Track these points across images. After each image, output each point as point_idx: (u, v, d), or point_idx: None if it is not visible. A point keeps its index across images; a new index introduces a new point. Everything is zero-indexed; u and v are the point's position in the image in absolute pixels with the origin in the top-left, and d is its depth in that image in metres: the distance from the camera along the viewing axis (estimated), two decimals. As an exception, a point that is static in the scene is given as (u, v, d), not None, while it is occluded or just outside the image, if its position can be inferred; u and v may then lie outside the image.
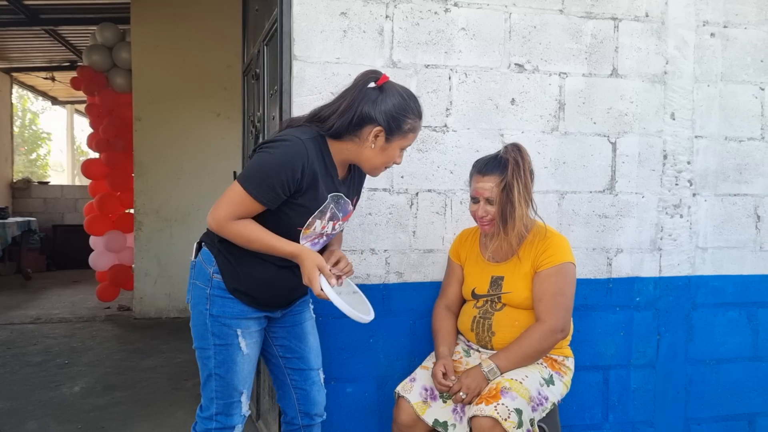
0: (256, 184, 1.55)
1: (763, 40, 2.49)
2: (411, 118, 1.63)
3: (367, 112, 1.58)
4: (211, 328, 1.65)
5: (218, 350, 1.65)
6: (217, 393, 1.67)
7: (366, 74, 1.63)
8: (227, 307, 1.65)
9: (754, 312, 2.51)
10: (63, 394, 3.39)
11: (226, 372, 1.66)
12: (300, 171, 1.56)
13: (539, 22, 2.30)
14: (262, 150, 1.59)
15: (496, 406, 1.67)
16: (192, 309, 1.70)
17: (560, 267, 1.87)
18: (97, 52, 5.80)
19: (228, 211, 1.58)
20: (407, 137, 1.65)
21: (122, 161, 5.87)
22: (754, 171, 2.50)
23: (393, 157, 1.67)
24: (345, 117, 1.59)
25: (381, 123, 1.59)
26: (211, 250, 1.67)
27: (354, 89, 1.61)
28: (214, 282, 1.65)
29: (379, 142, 1.62)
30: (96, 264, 5.93)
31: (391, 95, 1.61)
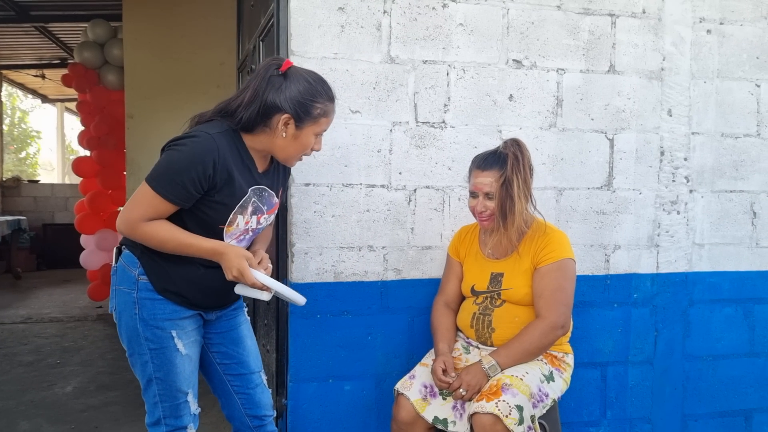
0: (165, 183, 1.49)
1: (758, 36, 2.49)
2: (320, 102, 1.58)
3: (273, 100, 1.53)
4: (144, 333, 1.56)
5: (154, 354, 1.57)
6: (161, 396, 1.60)
7: (268, 62, 1.58)
8: (158, 309, 1.57)
9: (751, 308, 2.52)
10: (55, 394, 3.35)
11: (166, 375, 1.58)
12: (211, 167, 1.50)
13: (537, 17, 2.29)
14: (171, 148, 1.52)
15: (497, 403, 1.66)
16: (119, 317, 1.60)
17: (560, 263, 1.87)
18: (88, 49, 5.74)
19: (138, 213, 1.51)
20: (319, 122, 1.59)
21: (114, 159, 5.82)
22: (750, 167, 2.51)
23: (308, 144, 1.61)
24: (252, 108, 1.54)
25: (288, 110, 1.54)
26: (133, 252, 1.59)
27: (257, 78, 1.56)
28: (140, 284, 1.56)
29: (290, 131, 1.56)
30: (87, 263, 5.87)
31: (296, 81, 1.55)
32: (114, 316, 1.63)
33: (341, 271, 2.16)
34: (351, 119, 2.14)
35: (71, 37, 7.13)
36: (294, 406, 2.15)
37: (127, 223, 1.52)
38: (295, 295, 1.61)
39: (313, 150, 1.65)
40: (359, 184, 2.16)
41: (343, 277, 2.16)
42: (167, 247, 1.53)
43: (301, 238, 2.12)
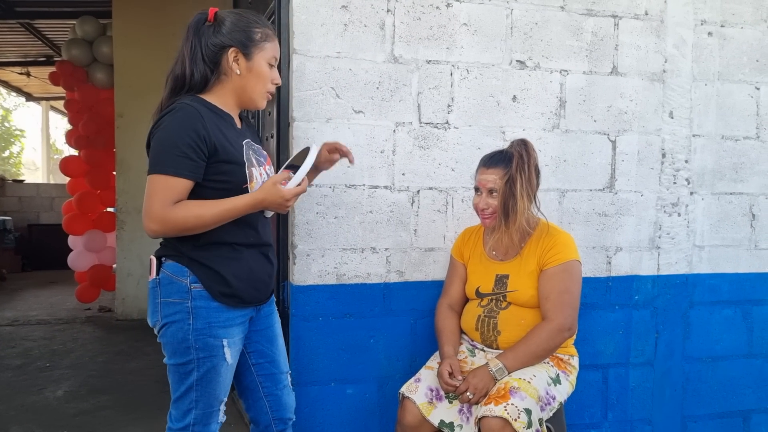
0: (167, 161, 1.45)
1: (758, 39, 2.50)
2: (258, 27, 1.58)
3: (214, 42, 1.54)
4: (195, 343, 1.52)
5: (201, 363, 1.53)
6: (197, 404, 1.56)
7: (194, 19, 1.59)
8: (212, 318, 1.53)
9: (749, 310, 2.53)
10: (46, 398, 3.29)
11: (208, 384, 1.55)
12: (201, 127, 1.48)
13: (540, 18, 2.28)
14: (155, 131, 1.50)
15: (506, 406, 1.65)
16: (165, 328, 1.55)
17: (566, 265, 1.86)
18: (76, 46, 5.65)
19: (158, 203, 1.44)
20: (265, 47, 1.59)
21: (102, 158, 5.74)
22: (749, 170, 2.52)
23: (264, 74, 1.59)
24: (198, 62, 1.54)
25: (232, 43, 1.55)
26: (180, 261, 1.53)
27: (189, 38, 1.57)
28: (194, 293, 1.52)
29: (242, 64, 1.56)
30: (75, 264, 5.78)
31: (227, 17, 1.57)
32: (156, 328, 1.58)
33: (343, 273, 2.13)
34: (354, 119, 2.12)
35: (58, 34, 7.02)
36: (296, 410, 2.11)
37: (155, 219, 1.45)
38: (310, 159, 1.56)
39: (274, 84, 1.63)
40: (362, 185, 2.13)
41: (346, 279, 2.13)
42: (205, 221, 1.48)
43: (303, 239, 2.09)
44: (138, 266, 5.35)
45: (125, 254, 5.33)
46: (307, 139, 2.06)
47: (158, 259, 1.57)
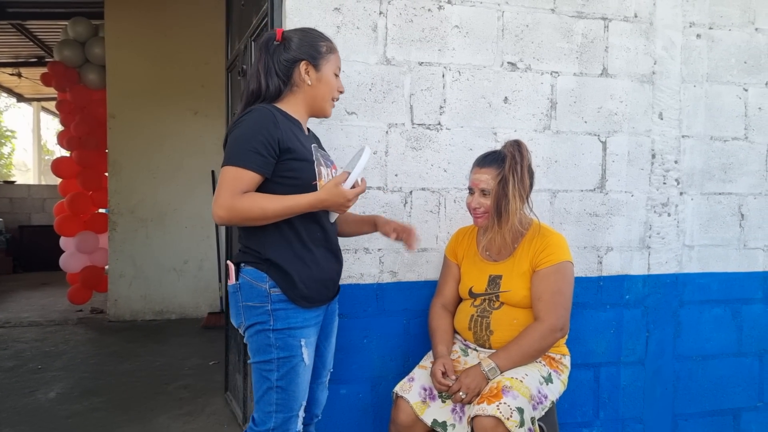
0: (240, 155, 1.55)
1: (746, 41, 2.53)
2: (322, 41, 1.73)
3: (286, 58, 1.68)
4: (275, 342, 1.61)
5: (282, 363, 1.62)
6: (278, 406, 1.62)
7: (263, 40, 1.72)
8: (291, 319, 1.62)
9: (739, 308, 2.56)
10: (38, 400, 3.28)
11: (288, 384, 1.62)
12: (274, 128, 1.58)
13: (531, 20, 2.30)
14: (232, 130, 1.61)
15: (499, 406, 1.66)
16: (248, 328, 1.65)
17: (559, 266, 1.87)
18: (68, 47, 5.64)
19: (227, 193, 1.53)
20: (330, 59, 1.73)
21: (95, 159, 5.73)
22: (738, 170, 2.55)
23: (332, 83, 1.73)
24: (272, 76, 1.68)
25: (303, 56, 1.68)
26: (259, 268, 1.62)
27: (261, 58, 1.70)
28: (273, 297, 1.61)
29: (312, 75, 1.70)
30: (67, 266, 5.77)
31: (294, 35, 1.71)
32: (240, 329, 1.69)
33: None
34: (347, 121, 2.13)
35: (49, 35, 6.99)
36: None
37: (222, 206, 1.52)
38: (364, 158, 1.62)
39: (339, 92, 1.77)
40: (355, 186, 2.14)
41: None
42: (269, 214, 1.55)
43: (296, 240, 2.09)
44: (130, 267, 5.35)
45: (117, 255, 5.32)
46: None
47: (236, 265, 1.66)
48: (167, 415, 3.04)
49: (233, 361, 3.08)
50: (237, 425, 2.87)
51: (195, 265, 5.47)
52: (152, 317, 5.37)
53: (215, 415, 3.04)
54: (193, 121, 5.37)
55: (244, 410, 2.77)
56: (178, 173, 5.40)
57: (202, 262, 5.47)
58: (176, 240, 5.42)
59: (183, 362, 4.00)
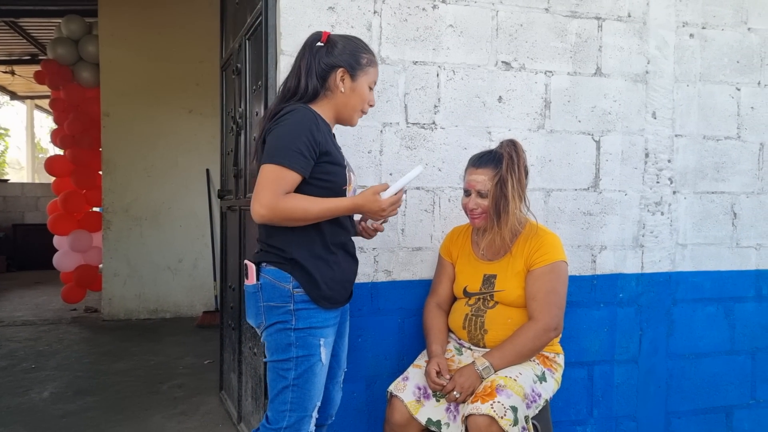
0: (284, 154, 1.55)
1: (739, 41, 2.55)
2: (364, 52, 1.73)
3: (326, 62, 1.68)
4: (296, 342, 1.62)
5: (300, 362, 1.63)
6: (293, 405, 1.63)
7: (309, 39, 1.73)
8: (312, 319, 1.63)
9: (731, 307, 2.57)
10: (32, 399, 3.27)
11: (305, 383, 1.63)
12: (316, 129, 1.60)
13: (525, 20, 2.31)
14: (274, 127, 1.61)
15: (492, 404, 1.67)
16: (268, 327, 1.66)
17: (553, 265, 1.88)
18: (62, 45, 5.61)
19: (270, 192, 1.54)
20: (369, 72, 1.74)
21: (88, 158, 5.71)
22: (730, 169, 2.56)
23: (365, 95, 1.74)
24: (311, 77, 1.68)
25: (342, 64, 1.69)
26: (282, 268, 1.63)
27: (303, 57, 1.70)
28: (296, 297, 1.62)
29: (347, 83, 1.70)
30: (61, 264, 5.74)
31: (340, 41, 1.72)
32: (259, 329, 1.70)
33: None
34: (341, 120, 2.12)
35: (43, 33, 6.95)
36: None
37: (267, 206, 1.53)
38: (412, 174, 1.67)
39: (369, 105, 1.77)
40: (349, 185, 2.14)
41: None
42: (310, 215, 1.58)
43: (291, 239, 2.09)
44: (124, 266, 5.33)
45: (111, 254, 5.31)
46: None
47: (257, 265, 1.67)
48: (161, 415, 3.04)
49: (228, 360, 3.08)
50: (231, 424, 2.87)
51: (190, 264, 5.46)
52: (147, 316, 5.36)
53: (210, 415, 3.04)
54: (187, 120, 5.36)
55: (239, 409, 2.77)
56: (173, 172, 5.39)
57: (197, 260, 5.46)
58: (171, 239, 5.40)
59: (177, 361, 3.99)
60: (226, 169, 3.13)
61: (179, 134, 5.35)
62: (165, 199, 5.39)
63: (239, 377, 2.75)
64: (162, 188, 5.37)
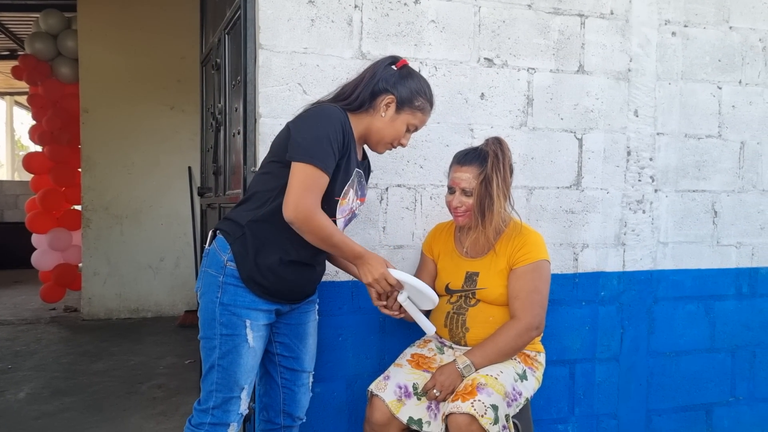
0: (320, 154, 1.53)
1: (720, 39, 2.55)
2: (423, 98, 1.73)
3: (384, 84, 1.68)
4: (220, 318, 1.59)
5: (224, 340, 1.59)
6: (218, 386, 1.61)
7: (386, 58, 1.74)
8: (239, 296, 1.60)
9: (711, 305, 2.58)
10: (7, 400, 3.20)
11: (229, 364, 1.60)
12: (341, 129, 1.59)
13: (508, 16, 2.29)
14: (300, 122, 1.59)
15: (473, 403, 1.65)
16: (201, 297, 1.65)
17: (536, 264, 1.87)
18: (40, 40, 5.52)
19: (313, 199, 1.53)
20: (416, 115, 1.72)
21: (67, 155, 5.62)
22: (711, 168, 2.57)
23: (400, 132, 1.72)
24: (367, 87, 1.67)
25: (394, 92, 1.68)
26: (226, 238, 1.62)
27: (374, 68, 1.71)
28: (227, 270, 1.60)
29: (390, 112, 1.69)
30: (39, 263, 5.65)
31: (411, 75, 1.72)
32: (197, 295, 1.68)
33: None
34: (322, 116, 2.09)
35: (21, 28, 6.83)
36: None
37: (306, 212, 1.51)
38: (431, 294, 1.71)
39: (400, 144, 1.75)
40: (330, 182, 2.11)
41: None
42: (329, 242, 1.57)
43: (270, 237, 2.06)
44: (104, 265, 5.26)
45: (91, 253, 5.23)
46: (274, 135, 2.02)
47: (214, 231, 1.68)
48: (140, 415, 2.99)
49: (208, 360, 3.03)
50: (211, 425, 2.83)
51: (171, 263, 5.39)
52: (127, 315, 5.29)
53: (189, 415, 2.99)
54: (169, 117, 5.29)
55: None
56: (154, 169, 5.32)
57: (179, 259, 5.39)
58: (152, 237, 5.33)
59: (158, 361, 3.94)
60: (206, 167, 3.08)
61: (160, 131, 5.28)
62: (146, 196, 5.32)
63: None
64: (143, 186, 5.30)
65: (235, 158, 2.48)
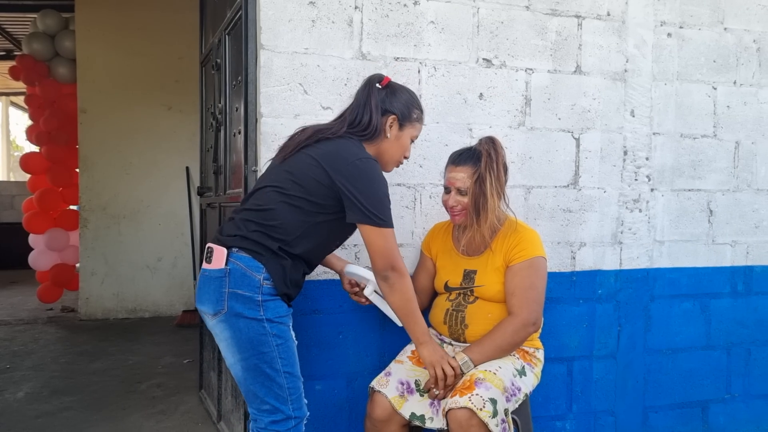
0: (389, 218, 1.69)
1: (715, 41, 2.59)
2: (417, 108, 1.84)
3: (383, 105, 1.78)
4: (271, 331, 1.65)
5: (282, 349, 1.66)
6: (290, 390, 1.67)
7: (369, 80, 1.81)
8: (278, 308, 1.67)
9: (707, 303, 2.61)
10: (6, 400, 3.20)
11: (292, 366, 1.68)
12: None
13: (506, 17, 2.32)
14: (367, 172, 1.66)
15: (471, 397, 1.67)
16: (233, 318, 1.63)
17: (532, 261, 1.89)
18: (37, 40, 5.52)
19: (399, 258, 1.71)
20: (415, 126, 1.84)
21: (65, 155, 5.62)
22: (707, 167, 2.60)
23: (406, 147, 1.84)
24: (376, 114, 1.76)
25: (396, 112, 1.78)
26: (257, 258, 1.64)
27: (366, 94, 1.77)
28: (264, 288, 1.64)
29: (394, 131, 1.79)
30: (36, 263, 5.65)
31: (399, 91, 1.82)
32: (217, 317, 1.65)
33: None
34: (322, 116, 2.11)
35: (18, 28, 6.83)
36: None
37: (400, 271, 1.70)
38: None
39: (405, 158, 1.87)
40: (330, 181, 2.13)
41: (314, 276, 2.12)
42: (410, 304, 1.73)
43: (271, 235, 2.07)
44: (102, 265, 5.26)
45: (89, 253, 5.23)
46: (275, 134, 2.05)
47: (228, 249, 1.65)
48: (139, 414, 3.00)
49: (207, 359, 3.05)
50: (211, 423, 2.84)
51: (169, 263, 5.40)
52: (125, 315, 5.29)
53: (189, 414, 3.00)
54: (167, 117, 5.30)
55: (219, 408, 2.75)
56: (152, 169, 5.32)
57: (177, 259, 5.40)
58: (150, 237, 5.34)
59: (156, 361, 3.95)
60: (205, 166, 3.10)
61: (158, 131, 5.29)
62: (143, 197, 5.32)
63: (219, 376, 2.72)
64: (140, 186, 5.31)
65: (235, 158, 2.49)
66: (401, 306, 1.72)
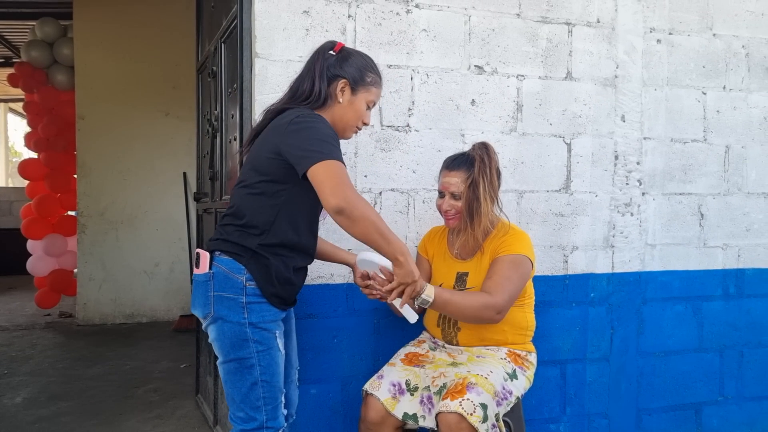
0: (333, 152, 1.54)
1: (704, 46, 2.62)
2: (372, 72, 1.76)
3: (333, 71, 1.71)
4: (253, 336, 1.61)
5: (262, 356, 1.62)
6: (265, 399, 1.63)
7: (322, 46, 1.75)
8: (265, 313, 1.63)
9: (699, 305, 2.63)
10: (4, 405, 3.22)
11: (271, 376, 1.64)
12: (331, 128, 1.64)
13: (497, 25, 2.35)
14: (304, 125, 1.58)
15: (462, 402, 1.69)
16: (218, 322, 1.63)
17: (515, 257, 1.89)
18: (36, 47, 5.56)
19: (349, 188, 1.51)
20: (370, 91, 1.75)
21: (63, 161, 5.65)
22: (697, 171, 2.63)
23: (361, 112, 1.75)
24: (324, 82, 1.69)
25: (346, 76, 1.71)
26: (237, 259, 1.62)
27: (316, 61, 1.72)
28: (248, 290, 1.61)
29: (346, 96, 1.72)
30: (34, 269, 5.66)
31: (352, 55, 1.75)
32: (206, 321, 1.65)
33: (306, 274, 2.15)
34: (316, 122, 2.14)
35: (17, 36, 6.86)
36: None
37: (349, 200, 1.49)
38: None
39: (364, 123, 1.78)
40: (324, 187, 2.15)
41: (309, 281, 2.14)
42: (377, 226, 1.54)
43: (266, 241, 2.10)
44: (100, 270, 5.28)
45: (86, 258, 5.25)
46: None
47: (210, 253, 1.65)
48: (137, 419, 3.01)
49: (204, 364, 3.07)
50: (208, 427, 2.86)
51: (166, 268, 5.42)
52: (123, 321, 5.30)
53: (186, 418, 3.02)
54: (164, 123, 5.33)
55: (215, 412, 2.76)
56: (149, 175, 5.35)
57: (174, 264, 5.42)
58: (147, 242, 5.36)
59: (153, 366, 3.96)
60: (202, 172, 3.12)
61: (155, 137, 5.32)
62: (141, 202, 5.35)
63: (215, 380, 2.74)
64: (138, 192, 5.33)
65: (231, 164, 2.52)
66: (369, 231, 1.53)
